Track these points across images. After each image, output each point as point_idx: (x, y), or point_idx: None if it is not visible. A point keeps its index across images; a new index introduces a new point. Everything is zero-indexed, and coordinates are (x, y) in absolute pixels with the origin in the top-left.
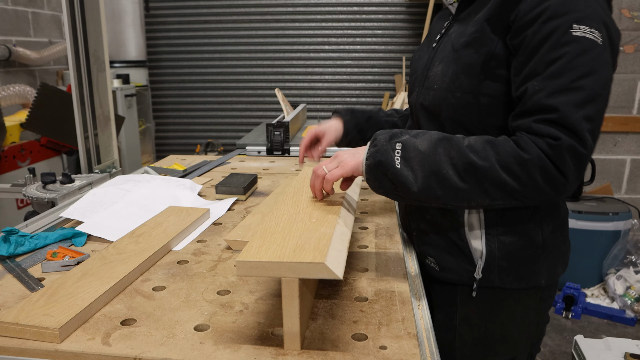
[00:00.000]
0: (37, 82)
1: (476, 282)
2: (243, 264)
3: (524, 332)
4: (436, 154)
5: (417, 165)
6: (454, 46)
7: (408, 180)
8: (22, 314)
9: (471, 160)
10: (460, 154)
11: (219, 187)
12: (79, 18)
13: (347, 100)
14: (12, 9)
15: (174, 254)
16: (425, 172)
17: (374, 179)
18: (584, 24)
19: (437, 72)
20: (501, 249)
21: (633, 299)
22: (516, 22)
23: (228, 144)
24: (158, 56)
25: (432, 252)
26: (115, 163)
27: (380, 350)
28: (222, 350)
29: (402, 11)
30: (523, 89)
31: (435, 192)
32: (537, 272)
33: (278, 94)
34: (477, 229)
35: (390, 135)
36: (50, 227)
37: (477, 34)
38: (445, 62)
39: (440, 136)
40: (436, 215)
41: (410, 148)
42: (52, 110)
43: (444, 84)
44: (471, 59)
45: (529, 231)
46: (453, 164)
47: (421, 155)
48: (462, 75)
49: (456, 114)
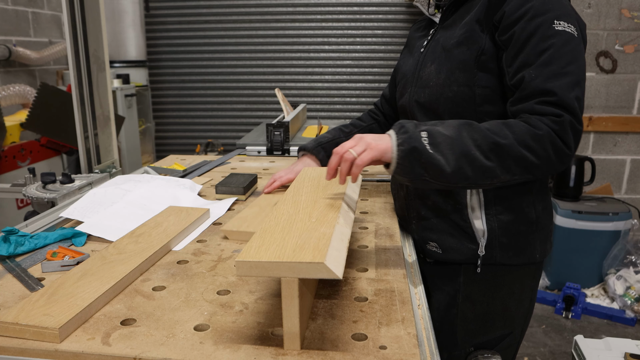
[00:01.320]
0: (37, 82)
1: (480, 258)
2: (243, 264)
3: (521, 307)
4: (462, 137)
5: (447, 149)
6: (444, 47)
7: (441, 164)
8: (22, 314)
9: (494, 140)
10: (482, 135)
11: (219, 187)
12: (79, 18)
13: (347, 100)
14: (12, 9)
15: (174, 254)
16: (456, 155)
17: (407, 165)
18: (563, 20)
19: (430, 71)
20: (500, 226)
21: (633, 299)
22: (503, 21)
23: (228, 144)
24: (158, 56)
25: (434, 236)
26: (115, 163)
27: (380, 350)
28: (222, 350)
29: (402, 11)
30: (519, 77)
31: (466, 173)
32: (533, 246)
33: (278, 94)
34: (478, 209)
35: (414, 123)
36: (50, 227)
37: (468, 34)
38: (438, 61)
39: (460, 122)
40: (438, 201)
41: (436, 134)
42: (52, 110)
43: (439, 80)
44: (464, 55)
45: (523, 209)
46: (478, 145)
47: (449, 139)
48: (457, 70)
49: (454, 106)
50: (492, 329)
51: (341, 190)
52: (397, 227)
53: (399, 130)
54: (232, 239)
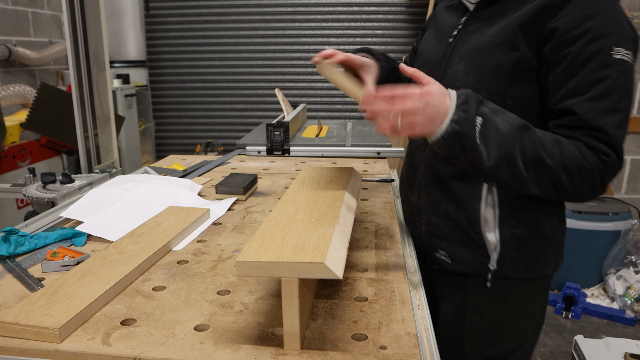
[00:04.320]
0: (37, 82)
1: (491, 272)
2: (243, 264)
3: (531, 319)
4: (513, 139)
5: (494, 145)
6: (477, 45)
7: (481, 156)
8: (22, 314)
9: (540, 155)
10: (532, 145)
11: (219, 187)
12: (79, 18)
13: (347, 100)
14: (12, 9)
15: (174, 254)
16: (500, 154)
17: (449, 142)
18: (622, 46)
19: (458, 70)
20: (514, 241)
21: (633, 299)
22: (557, 37)
23: (228, 144)
24: (158, 56)
25: (444, 245)
26: (115, 163)
27: (380, 350)
28: (222, 350)
29: (402, 11)
30: (567, 105)
31: (501, 174)
32: (546, 261)
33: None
34: (492, 222)
35: (477, 100)
36: (50, 227)
37: (508, 38)
38: (469, 60)
39: (519, 122)
40: (449, 209)
41: (490, 125)
42: (52, 110)
43: (467, 82)
44: (500, 61)
45: (539, 223)
46: (523, 152)
47: (500, 136)
48: (489, 76)
49: None
50: (501, 342)
51: (341, 191)
52: (397, 227)
53: (460, 105)
54: None
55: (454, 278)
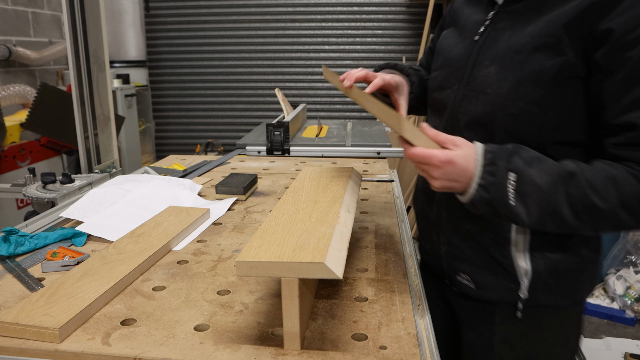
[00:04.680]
0: (37, 82)
1: (521, 301)
2: (243, 264)
3: (566, 348)
4: (556, 193)
5: (533, 203)
6: (513, 46)
7: (519, 218)
8: (22, 314)
9: (593, 203)
10: (581, 193)
11: (219, 187)
12: (79, 18)
13: (347, 100)
14: (12, 9)
15: (174, 254)
16: (542, 212)
17: (478, 208)
18: None
19: (489, 73)
20: (548, 266)
21: (633, 299)
22: (613, 40)
23: (228, 144)
24: (158, 56)
25: (467, 268)
26: (115, 163)
27: (380, 350)
28: (222, 350)
29: (402, 11)
30: (627, 119)
31: (547, 227)
32: (582, 287)
33: (278, 94)
34: (522, 245)
35: (507, 154)
36: (50, 227)
37: (551, 39)
38: (501, 63)
39: (560, 170)
40: (474, 231)
41: (527, 181)
42: (52, 110)
43: (501, 89)
44: (542, 66)
45: (576, 246)
46: (572, 203)
47: (539, 192)
48: (527, 83)
49: (514, 126)
50: None
51: (341, 191)
52: (397, 227)
53: (487, 166)
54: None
55: (478, 305)
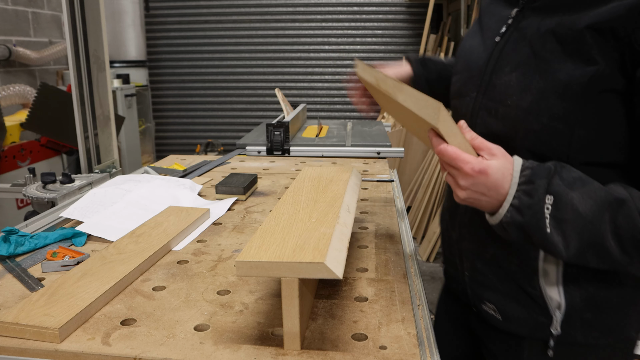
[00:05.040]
0: (37, 82)
1: (553, 338)
2: (243, 264)
3: None
4: (601, 221)
5: (573, 232)
6: (537, 52)
7: (556, 248)
8: (22, 314)
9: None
10: (630, 224)
11: (219, 187)
12: (79, 18)
13: (347, 100)
14: (12, 9)
15: (174, 254)
16: (583, 243)
17: (508, 233)
18: None
19: (510, 82)
20: (585, 298)
21: None
22: None
23: (228, 144)
24: (158, 56)
25: (492, 297)
26: (115, 163)
27: (380, 350)
28: (222, 350)
29: (402, 11)
30: None
31: (586, 262)
32: (627, 323)
33: (278, 94)
34: (554, 276)
35: (547, 174)
36: (50, 227)
37: (581, 45)
38: (524, 71)
39: (606, 195)
40: (499, 256)
41: (566, 206)
42: (52, 110)
43: (522, 102)
44: (569, 76)
45: (619, 276)
46: (618, 234)
47: (581, 220)
48: (553, 95)
49: (537, 144)
50: None
51: (341, 191)
52: (397, 227)
53: (523, 185)
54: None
55: (505, 337)
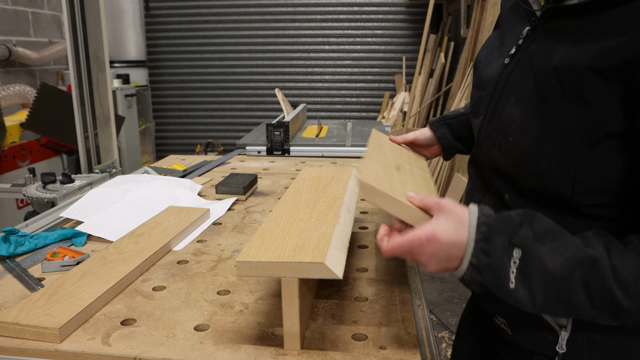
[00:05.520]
0: (37, 82)
1: (559, 356)
2: (243, 264)
3: None
4: (570, 280)
5: (540, 288)
6: (539, 87)
7: (521, 302)
8: (22, 314)
9: (615, 299)
10: (602, 284)
11: (219, 187)
12: (79, 18)
13: (347, 100)
14: (12, 9)
15: (174, 254)
16: (549, 299)
17: (472, 288)
18: None
19: (513, 116)
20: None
21: None
22: None
23: (228, 144)
24: (158, 56)
25: (502, 311)
26: (115, 163)
27: (380, 350)
28: (222, 350)
29: (402, 11)
30: None
31: (553, 313)
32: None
33: (278, 94)
34: None
35: (508, 232)
36: (50, 227)
37: (583, 90)
38: (527, 107)
39: (578, 253)
40: None
41: (534, 262)
42: (52, 110)
43: (523, 142)
44: (569, 122)
45: None
46: (589, 291)
47: (549, 278)
48: (551, 140)
49: (538, 186)
50: None
51: (341, 191)
52: None
53: (480, 242)
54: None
55: (515, 351)
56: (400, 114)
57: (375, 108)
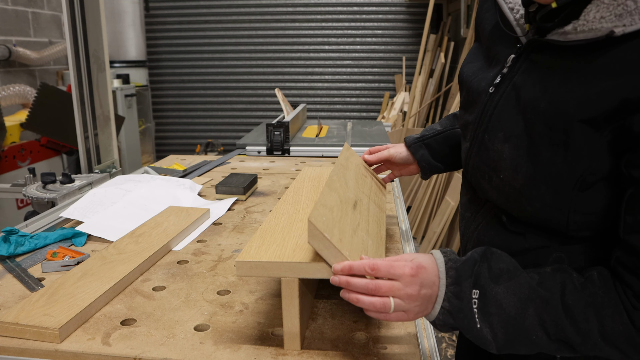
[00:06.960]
0: (37, 82)
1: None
2: (243, 264)
3: None
4: (525, 318)
5: (499, 325)
6: (528, 129)
7: (486, 341)
8: (22, 314)
9: (567, 335)
10: (555, 321)
11: (219, 187)
12: (79, 18)
13: (347, 100)
14: (12, 9)
15: (174, 254)
16: (509, 335)
17: (443, 330)
18: None
19: (501, 152)
20: None
21: None
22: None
23: (228, 144)
24: (158, 56)
25: None
26: (115, 163)
27: (380, 350)
28: (222, 350)
29: (402, 11)
30: (635, 242)
31: (516, 351)
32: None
33: (278, 94)
34: None
35: (473, 279)
36: (50, 227)
37: (570, 140)
38: (516, 148)
39: (531, 293)
40: None
41: (490, 301)
42: (52, 110)
43: (515, 182)
44: (558, 172)
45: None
46: (545, 327)
47: (505, 316)
48: (543, 185)
49: (534, 222)
50: None
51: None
52: (397, 227)
53: (451, 285)
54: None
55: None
56: (400, 114)
57: (375, 108)
